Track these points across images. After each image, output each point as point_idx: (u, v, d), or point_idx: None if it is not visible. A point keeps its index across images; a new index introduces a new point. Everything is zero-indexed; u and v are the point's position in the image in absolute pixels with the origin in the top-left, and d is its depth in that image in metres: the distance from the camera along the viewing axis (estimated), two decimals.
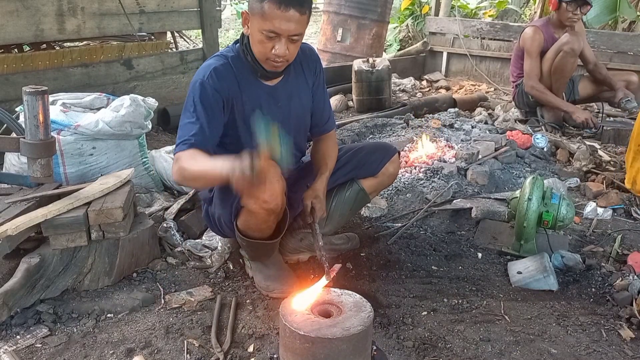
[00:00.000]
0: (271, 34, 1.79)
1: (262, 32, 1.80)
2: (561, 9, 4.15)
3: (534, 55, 4.24)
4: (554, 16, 4.30)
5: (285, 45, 1.82)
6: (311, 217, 2.07)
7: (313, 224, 2.07)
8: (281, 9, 1.74)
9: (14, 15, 3.42)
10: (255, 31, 1.83)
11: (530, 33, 4.27)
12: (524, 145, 3.61)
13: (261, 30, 1.79)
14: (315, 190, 2.09)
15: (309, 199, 2.07)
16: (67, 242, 2.02)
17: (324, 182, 2.13)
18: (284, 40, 1.81)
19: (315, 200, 2.06)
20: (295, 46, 1.87)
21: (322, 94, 2.20)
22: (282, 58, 1.85)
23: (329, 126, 2.25)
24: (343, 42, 6.10)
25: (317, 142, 2.26)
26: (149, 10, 4.15)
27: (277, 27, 1.77)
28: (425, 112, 4.79)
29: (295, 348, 1.42)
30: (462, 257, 2.46)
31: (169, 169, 2.94)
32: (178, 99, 4.27)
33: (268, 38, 1.80)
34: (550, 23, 4.32)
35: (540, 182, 2.37)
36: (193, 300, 2.03)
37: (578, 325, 1.95)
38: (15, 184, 2.38)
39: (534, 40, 4.23)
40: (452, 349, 1.81)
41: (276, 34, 1.79)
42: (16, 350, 1.74)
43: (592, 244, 2.58)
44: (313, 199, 2.06)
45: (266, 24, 1.77)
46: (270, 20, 1.76)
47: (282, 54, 1.83)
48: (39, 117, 2.18)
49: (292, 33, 1.80)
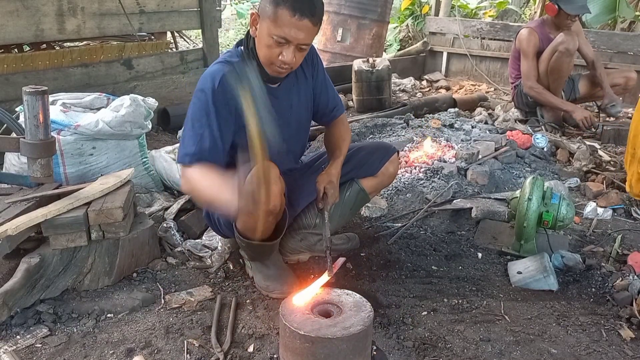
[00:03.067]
0: (281, 40, 1.78)
1: (271, 37, 1.78)
2: (561, 16, 4.16)
3: (530, 56, 4.26)
4: (549, 17, 4.31)
5: (292, 52, 1.80)
6: (323, 202, 2.03)
7: (324, 210, 2.03)
8: (296, 17, 1.73)
9: (14, 15, 3.42)
10: (264, 34, 1.81)
11: (525, 34, 4.29)
12: (524, 145, 3.62)
13: (271, 34, 1.78)
14: (329, 175, 2.06)
15: (323, 183, 2.03)
16: (67, 242, 2.02)
17: (339, 166, 2.11)
18: (292, 48, 1.80)
19: (329, 186, 2.03)
20: (301, 55, 1.86)
21: (324, 83, 2.18)
22: (288, 65, 1.84)
23: (337, 112, 2.24)
24: (343, 42, 6.10)
25: (329, 128, 2.25)
26: (149, 10, 4.15)
27: (287, 34, 1.76)
28: (425, 112, 4.79)
29: (295, 348, 1.42)
30: (462, 257, 2.46)
31: (169, 169, 2.94)
32: (178, 99, 4.27)
33: (277, 44, 1.79)
34: (546, 24, 4.33)
35: (540, 182, 2.37)
36: (193, 300, 2.03)
37: (578, 325, 1.95)
38: (15, 184, 2.38)
39: (529, 42, 4.25)
40: (452, 349, 1.81)
41: (286, 40, 1.78)
42: (16, 350, 1.74)
43: (592, 244, 2.58)
44: (326, 184, 2.03)
45: (277, 30, 1.76)
46: (282, 27, 1.75)
47: (288, 61, 1.82)
48: (39, 117, 2.18)
49: (302, 42, 1.79)
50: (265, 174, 1.83)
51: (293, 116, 2.09)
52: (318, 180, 2.05)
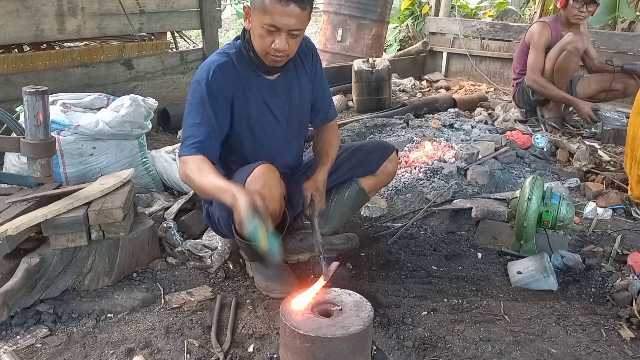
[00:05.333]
0: (272, 28, 1.80)
1: (262, 27, 1.81)
2: (568, 6, 4.16)
3: (540, 49, 4.25)
4: (562, 14, 4.32)
5: (285, 40, 1.82)
6: (310, 209, 2.04)
7: (312, 217, 2.04)
8: (282, 3, 1.75)
9: (14, 15, 3.42)
10: (256, 25, 1.84)
11: (539, 28, 4.28)
12: (523, 145, 3.62)
13: (262, 24, 1.80)
14: (315, 181, 2.06)
15: (309, 190, 2.04)
16: (67, 242, 2.02)
17: (325, 173, 2.11)
18: (284, 35, 1.81)
19: (315, 193, 2.04)
20: (295, 41, 1.87)
21: (321, 82, 2.19)
22: (282, 53, 1.85)
23: (330, 115, 2.24)
24: (343, 42, 6.10)
25: (319, 132, 2.26)
26: (149, 11, 4.15)
27: (277, 22, 1.78)
28: (425, 112, 4.79)
29: (295, 347, 1.42)
30: (462, 257, 2.46)
31: (169, 169, 2.94)
32: (178, 99, 4.27)
33: (268, 32, 1.81)
34: (559, 21, 4.33)
35: (540, 182, 2.37)
36: (193, 300, 2.03)
37: (578, 325, 1.95)
38: (15, 184, 2.38)
39: (541, 35, 4.24)
40: (452, 349, 1.81)
41: (276, 28, 1.80)
42: (16, 350, 1.74)
43: (592, 244, 2.58)
44: (313, 191, 2.04)
45: (267, 18, 1.78)
46: (270, 15, 1.77)
47: (282, 49, 1.83)
48: (39, 117, 2.18)
49: (292, 28, 1.81)
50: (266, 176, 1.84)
51: (293, 112, 2.10)
52: (305, 187, 2.05)
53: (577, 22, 4.22)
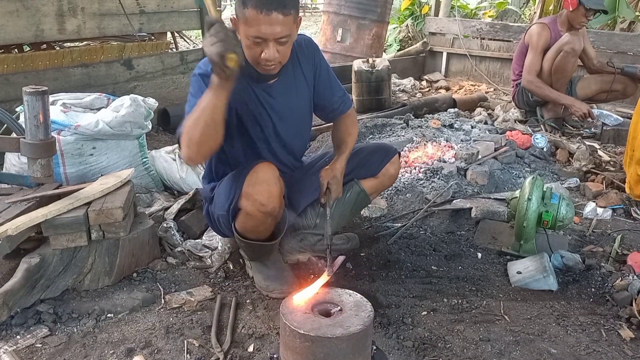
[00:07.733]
0: (257, 40, 1.75)
1: (248, 38, 1.76)
2: (579, 11, 4.11)
3: (538, 50, 4.24)
4: (562, 15, 4.30)
5: (273, 48, 1.77)
6: (326, 197, 2.03)
7: (326, 206, 2.02)
8: (263, 13, 1.69)
9: (14, 16, 3.43)
10: (243, 37, 1.79)
11: (538, 29, 4.27)
12: (523, 146, 3.62)
13: (247, 36, 1.76)
14: (333, 169, 2.05)
15: (326, 178, 2.02)
16: (67, 242, 2.02)
17: (343, 161, 2.10)
18: (271, 44, 1.76)
19: (332, 181, 2.02)
20: (285, 48, 1.82)
21: (328, 81, 2.16)
22: (273, 61, 1.81)
23: (344, 107, 2.23)
24: (343, 43, 6.11)
25: (336, 123, 2.25)
26: (149, 11, 4.16)
27: (262, 33, 1.73)
28: (425, 112, 4.79)
29: (295, 347, 1.42)
30: (462, 257, 2.47)
31: (169, 169, 2.94)
32: (178, 99, 4.27)
33: (255, 43, 1.76)
34: (559, 22, 4.32)
35: (540, 182, 2.37)
36: (193, 300, 2.03)
37: (578, 325, 1.95)
38: (15, 184, 2.38)
39: (540, 36, 4.23)
40: (452, 349, 1.81)
41: (262, 39, 1.75)
42: (16, 350, 1.74)
43: (592, 244, 2.58)
44: (330, 179, 2.02)
45: (251, 30, 1.73)
46: (254, 27, 1.72)
47: (271, 58, 1.79)
48: (39, 117, 2.18)
49: (278, 36, 1.75)
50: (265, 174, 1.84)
51: (292, 115, 2.09)
52: (322, 175, 2.04)
53: (581, 27, 4.21)
